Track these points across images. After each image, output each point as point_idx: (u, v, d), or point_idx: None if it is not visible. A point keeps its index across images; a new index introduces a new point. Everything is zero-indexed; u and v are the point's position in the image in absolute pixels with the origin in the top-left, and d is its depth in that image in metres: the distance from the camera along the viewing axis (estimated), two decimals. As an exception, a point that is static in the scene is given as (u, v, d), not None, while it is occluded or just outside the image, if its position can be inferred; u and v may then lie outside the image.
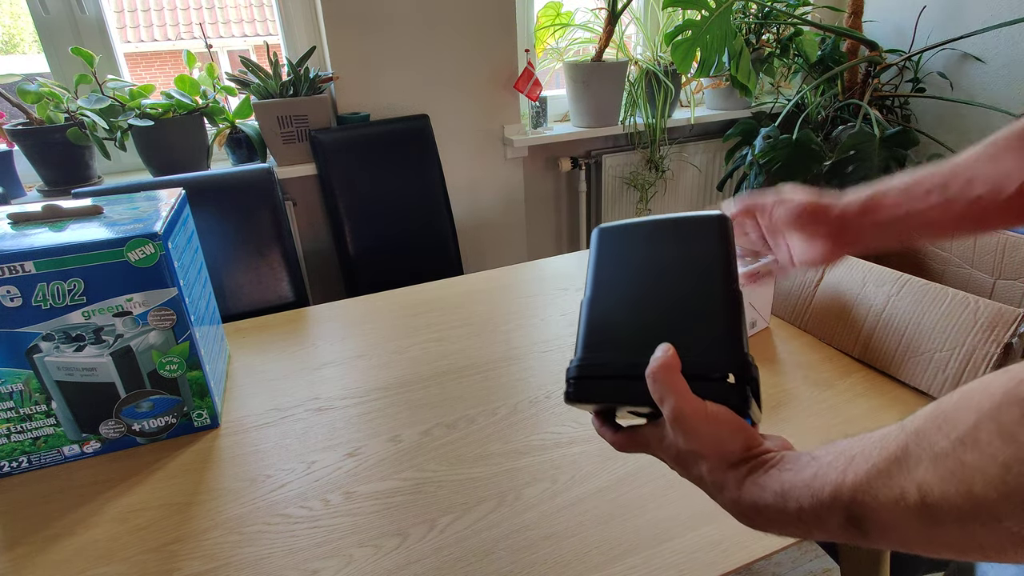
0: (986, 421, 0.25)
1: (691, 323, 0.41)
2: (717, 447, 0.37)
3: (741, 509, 0.37)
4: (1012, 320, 0.67)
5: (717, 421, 0.37)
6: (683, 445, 0.38)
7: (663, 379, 0.38)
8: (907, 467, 0.28)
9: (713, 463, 0.38)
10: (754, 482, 0.36)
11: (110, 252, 0.63)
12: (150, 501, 0.64)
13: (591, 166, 2.05)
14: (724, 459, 0.37)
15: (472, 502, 0.62)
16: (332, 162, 1.56)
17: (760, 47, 1.95)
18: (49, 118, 1.37)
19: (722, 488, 0.38)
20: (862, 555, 0.76)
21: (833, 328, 0.86)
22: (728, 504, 0.38)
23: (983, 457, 0.25)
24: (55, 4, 1.44)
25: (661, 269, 0.45)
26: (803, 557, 1.33)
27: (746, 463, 0.37)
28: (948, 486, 0.26)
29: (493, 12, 1.71)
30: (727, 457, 0.37)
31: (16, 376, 0.64)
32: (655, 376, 0.38)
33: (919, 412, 0.29)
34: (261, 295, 1.28)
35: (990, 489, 0.24)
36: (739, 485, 0.37)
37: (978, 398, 0.26)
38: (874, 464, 0.29)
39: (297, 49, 1.66)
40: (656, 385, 0.38)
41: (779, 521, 0.35)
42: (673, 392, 0.37)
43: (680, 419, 0.37)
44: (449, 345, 0.91)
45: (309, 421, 0.76)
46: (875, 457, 0.30)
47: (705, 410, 0.37)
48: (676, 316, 0.41)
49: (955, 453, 0.26)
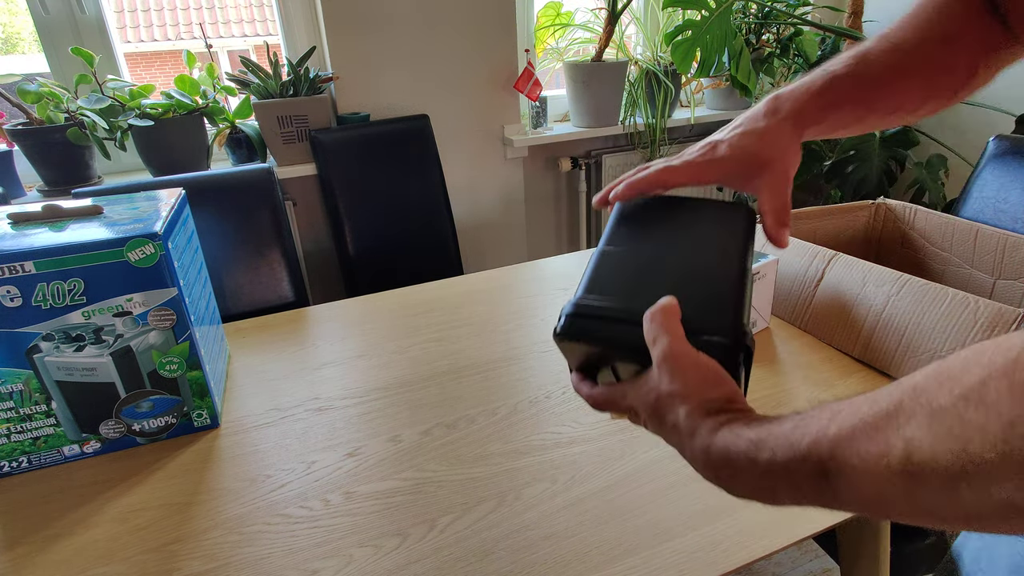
0: (998, 378, 0.23)
1: (697, 289, 0.41)
2: (700, 392, 0.36)
3: (709, 458, 0.35)
4: (1012, 320, 0.67)
5: (706, 368, 0.37)
6: (665, 387, 0.37)
7: (661, 320, 0.38)
8: (897, 422, 0.26)
9: (693, 406, 0.36)
10: (730, 430, 0.35)
11: (110, 252, 0.63)
12: (150, 501, 0.64)
13: (591, 166, 2.05)
14: (705, 405, 0.36)
15: (472, 502, 0.62)
16: (332, 162, 1.56)
17: (760, 47, 1.95)
18: (49, 118, 1.37)
19: (694, 433, 0.36)
20: (862, 555, 0.76)
21: (833, 328, 0.86)
22: (698, 453, 0.36)
23: (987, 414, 0.23)
24: (55, 4, 1.44)
25: (678, 239, 0.45)
26: (803, 557, 1.33)
27: (726, 412, 0.36)
28: (941, 444, 0.24)
29: (493, 12, 1.71)
30: (708, 403, 0.36)
31: (16, 376, 0.64)
32: (653, 316, 0.38)
33: (918, 371, 0.27)
34: (261, 295, 1.29)
35: (988, 448, 0.23)
36: (714, 431, 0.35)
37: (990, 355, 0.24)
38: (861, 418, 0.28)
39: (297, 49, 1.66)
40: (652, 325, 0.38)
41: (746, 473, 0.33)
42: (668, 333, 0.37)
43: (669, 358, 0.37)
44: (449, 345, 0.91)
45: (309, 421, 0.76)
46: (864, 412, 0.28)
47: (696, 356, 0.37)
48: (684, 281, 0.42)
49: (955, 409, 0.24)
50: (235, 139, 1.59)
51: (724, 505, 0.60)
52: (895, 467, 0.26)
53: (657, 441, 0.68)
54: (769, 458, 0.32)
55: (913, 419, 0.26)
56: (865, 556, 0.76)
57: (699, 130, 2.18)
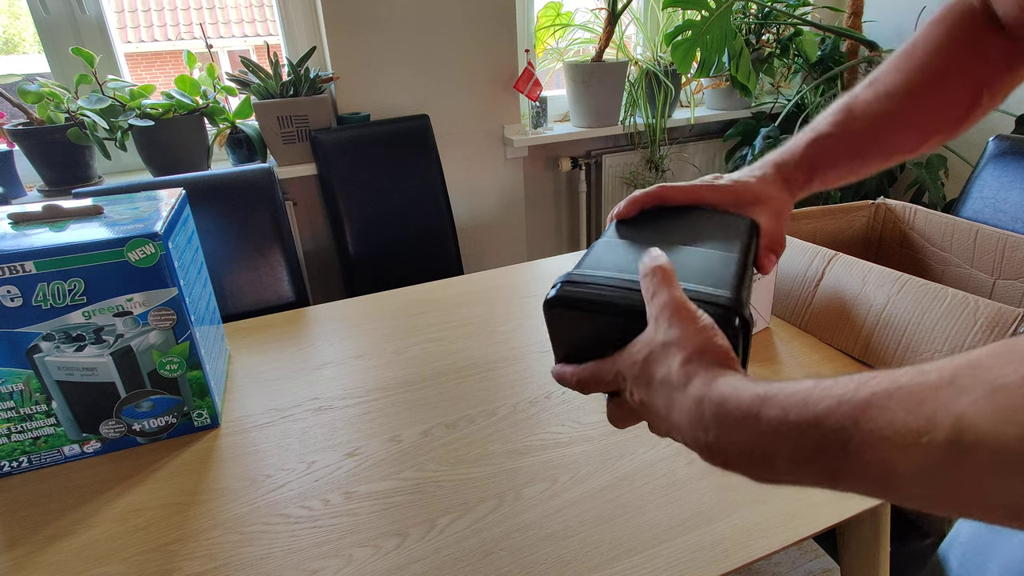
0: None
1: (696, 266, 0.40)
2: (699, 341, 0.34)
3: (700, 412, 0.31)
4: (1012, 320, 0.67)
5: (707, 322, 0.35)
6: (661, 336, 0.35)
7: (660, 275, 0.36)
8: (948, 395, 0.23)
9: (689, 354, 0.33)
10: (731, 381, 0.31)
11: (110, 252, 0.63)
12: (150, 501, 0.64)
13: (591, 166, 2.05)
14: (703, 354, 0.33)
15: (472, 502, 0.62)
16: (332, 162, 1.56)
17: (760, 47, 1.95)
18: (49, 118, 1.37)
19: (688, 383, 0.33)
20: (862, 555, 0.76)
21: (833, 328, 0.86)
22: (688, 406, 0.32)
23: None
24: (55, 4, 1.44)
25: (677, 231, 0.45)
26: (803, 557, 1.33)
27: (725, 368, 0.33)
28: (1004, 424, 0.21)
29: (493, 12, 1.71)
30: (707, 354, 0.33)
31: (16, 376, 0.64)
32: (653, 272, 0.37)
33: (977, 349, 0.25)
34: (261, 295, 1.29)
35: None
36: (711, 381, 0.32)
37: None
38: (901, 387, 0.25)
39: (297, 49, 1.66)
40: (650, 279, 0.37)
41: (742, 431, 0.29)
42: (667, 286, 0.36)
43: (669, 306, 0.35)
44: (449, 345, 0.91)
45: (309, 421, 0.76)
46: (904, 381, 0.25)
47: (696, 312, 0.35)
48: (683, 260, 0.41)
49: None
50: (235, 139, 1.59)
51: (724, 505, 0.60)
52: (938, 444, 0.23)
53: (657, 441, 0.69)
54: (777, 416, 0.28)
55: (967, 394, 0.23)
56: (865, 556, 0.76)
57: (699, 130, 2.18)
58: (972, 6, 0.47)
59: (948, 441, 0.23)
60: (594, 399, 0.77)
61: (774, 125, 1.77)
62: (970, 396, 0.23)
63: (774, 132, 1.74)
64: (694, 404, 0.32)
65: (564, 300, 0.39)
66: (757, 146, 1.75)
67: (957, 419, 0.22)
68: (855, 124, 0.48)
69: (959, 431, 0.22)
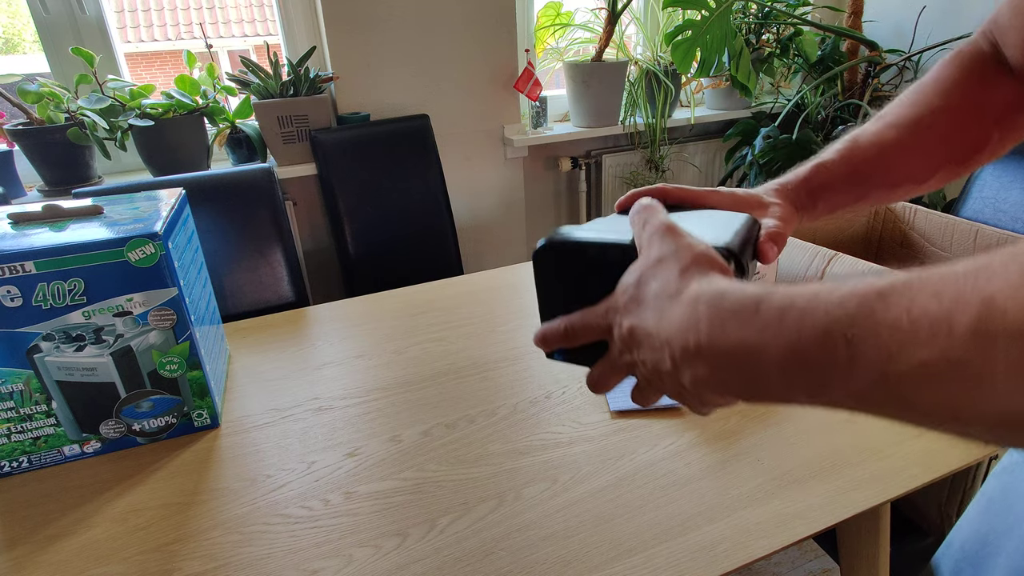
0: None
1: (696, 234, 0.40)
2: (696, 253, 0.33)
3: (695, 310, 0.29)
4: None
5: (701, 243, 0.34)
6: (655, 253, 0.34)
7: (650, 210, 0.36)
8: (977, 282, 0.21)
9: (687, 264, 0.32)
10: (728, 281, 0.30)
11: (110, 252, 0.63)
12: (150, 501, 0.64)
13: (591, 166, 2.05)
14: (701, 264, 0.32)
15: (472, 502, 0.62)
16: (332, 162, 1.56)
17: (760, 47, 1.95)
18: (49, 118, 1.37)
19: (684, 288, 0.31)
20: (862, 555, 0.76)
21: (833, 328, 0.86)
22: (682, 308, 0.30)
23: None
24: (55, 4, 1.44)
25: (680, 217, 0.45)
26: (803, 557, 1.33)
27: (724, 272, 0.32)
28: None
29: (493, 12, 1.71)
30: (704, 264, 0.32)
31: (16, 376, 0.64)
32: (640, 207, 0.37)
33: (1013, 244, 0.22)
34: (261, 295, 1.29)
35: None
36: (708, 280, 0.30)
37: None
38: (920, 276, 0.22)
39: (297, 49, 1.66)
40: (639, 214, 0.36)
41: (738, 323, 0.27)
42: (657, 214, 0.36)
43: (660, 230, 0.35)
44: (449, 345, 0.91)
45: (309, 421, 0.76)
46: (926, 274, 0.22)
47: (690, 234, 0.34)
48: None
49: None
50: (235, 139, 1.59)
51: (724, 505, 0.60)
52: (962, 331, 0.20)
53: (657, 441, 0.69)
54: (779, 305, 0.26)
55: (1001, 277, 0.20)
56: (865, 556, 0.76)
57: (699, 130, 2.18)
58: (982, 50, 0.48)
59: (971, 331, 0.20)
60: (594, 399, 0.77)
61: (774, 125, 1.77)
62: (1004, 278, 0.20)
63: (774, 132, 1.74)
64: (688, 306, 0.30)
65: (555, 245, 0.39)
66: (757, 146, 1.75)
67: (986, 301, 0.20)
68: (859, 151, 0.48)
69: (989, 313, 0.20)
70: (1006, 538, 0.47)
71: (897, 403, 0.23)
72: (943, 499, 0.81)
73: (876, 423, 0.70)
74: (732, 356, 0.28)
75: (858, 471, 0.63)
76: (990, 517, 0.50)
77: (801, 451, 0.66)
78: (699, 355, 0.29)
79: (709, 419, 0.72)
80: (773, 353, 0.26)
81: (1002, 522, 0.48)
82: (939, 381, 0.21)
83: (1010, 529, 0.47)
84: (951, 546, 0.54)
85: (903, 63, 1.92)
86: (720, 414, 0.72)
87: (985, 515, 0.51)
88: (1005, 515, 0.48)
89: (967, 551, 0.51)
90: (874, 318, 0.22)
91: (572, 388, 0.80)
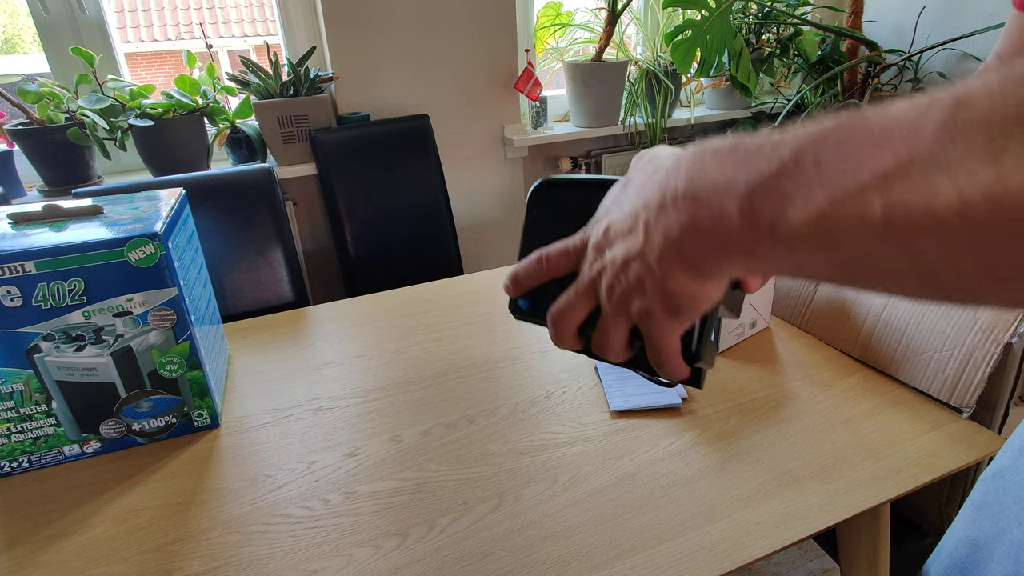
0: None
1: None
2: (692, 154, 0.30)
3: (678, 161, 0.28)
4: (1012, 320, 0.67)
5: None
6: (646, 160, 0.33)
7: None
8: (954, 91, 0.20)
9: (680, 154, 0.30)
10: None
11: (110, 252, 0.63)
12: (150, 501, 0.64)
13: (591, 166, 2.05)
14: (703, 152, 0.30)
15: (472, 502, 0.62)
16: (332, 162, 1.56)
17: (760, 47, 1.95)
18: (49, 118, 1.37)
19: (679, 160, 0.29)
20: (862, 555, 0.76)
21: (833, 328, 0.86)
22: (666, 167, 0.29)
23: None
24: (55, 4, 1.44)
25: None
26: (803, 557, 1.33)
27: None
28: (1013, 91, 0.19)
29: (493, 12, 1.71)
30: None
31: (16, 376, 0.64)
32: None
33: None
34: (261, 295, 1.29)
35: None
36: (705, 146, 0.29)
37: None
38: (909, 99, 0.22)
39: (297, 49, 1.66)
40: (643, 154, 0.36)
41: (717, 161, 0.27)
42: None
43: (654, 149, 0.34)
44: (449, 345, 0.91)
45: (309, 421, 0.76)
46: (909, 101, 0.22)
47: None
48: None
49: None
50: (235, 139, 1.59)
51: (724, 505, 0.60)
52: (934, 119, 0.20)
53: (657, 441, 0.69)
54: (759, 142, 0.26)
55: (974, 80, 0.20)
56: (865, 556, 0.76)
57: (699, 130, 2.18)
58: None
59: (944, 114, 0.20)
60: (594, 399, 0.77)
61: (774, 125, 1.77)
62: (977, 80, 0.20)
63: (774, 132, 1.74)
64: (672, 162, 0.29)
65: (553, 181, 0.40)
66: (757, 146, 1.75)
67: (956, 94, 0.20)
68: None
69: (957, 99, 0.19)
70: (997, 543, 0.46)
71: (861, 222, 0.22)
72: (943, 499, 0.81)
73: (876, 423, 0.70)
74: (702, 204, 0.27)
75: (858, 471, 0.63)
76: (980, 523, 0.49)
77: (801, 451, 0.66)
78: (674, 204, 0.28)
79: (709, 419, 0.72)
80: (741, 187, 0.25)
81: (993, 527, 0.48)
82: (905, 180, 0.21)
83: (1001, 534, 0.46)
84: (940, 554, 0.53)
85: (903, 63, 1.92)
86: (720, 414, 0.72)
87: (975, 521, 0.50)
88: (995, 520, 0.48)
89: (957, 558, 0.51)
90: (839, 131, 0.23)
91: (572, 388, 0.80)
